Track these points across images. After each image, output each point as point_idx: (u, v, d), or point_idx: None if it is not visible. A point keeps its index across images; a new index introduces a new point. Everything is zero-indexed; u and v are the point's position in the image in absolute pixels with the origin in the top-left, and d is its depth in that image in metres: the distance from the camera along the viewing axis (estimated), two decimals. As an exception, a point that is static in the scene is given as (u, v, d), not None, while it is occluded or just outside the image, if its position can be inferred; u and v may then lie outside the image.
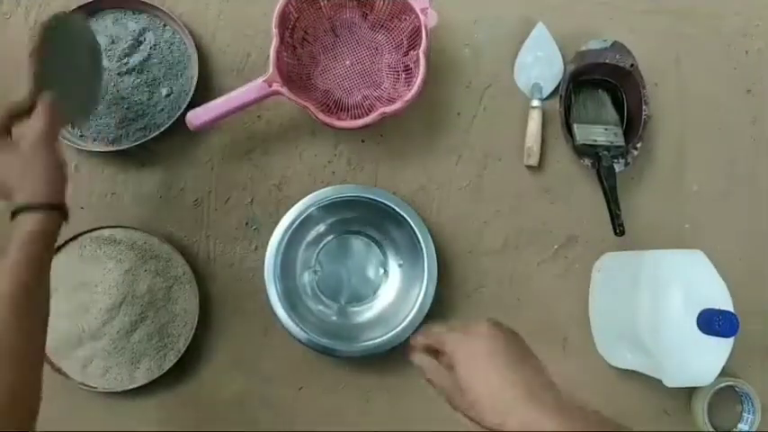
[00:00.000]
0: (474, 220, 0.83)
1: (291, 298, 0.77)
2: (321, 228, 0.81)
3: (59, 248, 0.76)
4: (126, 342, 0.76)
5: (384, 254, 0.82)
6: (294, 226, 0.76)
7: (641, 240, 0.83)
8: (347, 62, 0.82)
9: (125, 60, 0.79)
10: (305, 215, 0.77)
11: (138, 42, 0.80)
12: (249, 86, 0.74)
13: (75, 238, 0.77)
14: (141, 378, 0.76)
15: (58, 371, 0.76)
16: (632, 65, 0.81)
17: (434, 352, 0.52)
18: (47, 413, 0.78)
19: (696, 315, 0.64)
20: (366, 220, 0.81)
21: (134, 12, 0.81)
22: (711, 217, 0.85)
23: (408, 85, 0.78)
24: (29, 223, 0.56)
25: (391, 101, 0.78)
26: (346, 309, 0.81)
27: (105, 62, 0.79)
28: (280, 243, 0.76)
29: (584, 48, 0.81)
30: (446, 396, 0.50)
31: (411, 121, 0.83)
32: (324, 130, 0.82)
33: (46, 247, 0.57)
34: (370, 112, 0.76)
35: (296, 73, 0.80)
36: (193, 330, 0.77)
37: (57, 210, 0.59)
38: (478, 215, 0.83)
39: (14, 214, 0.57)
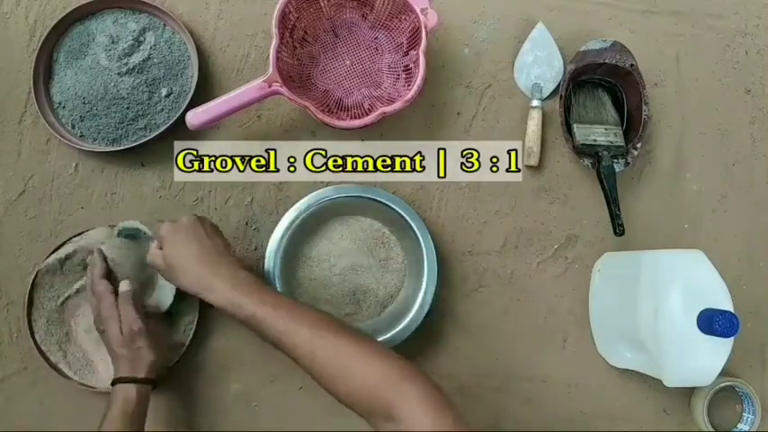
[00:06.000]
0: (474, 220, 0.83)
1: (291, 298, 0.76)
2: (321, 227, 0.81)
3: (59, 247, 0.77)
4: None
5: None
6: (294, 226, 0.76)
7: (641, 240, 0.83)
8: (347, 62, 0.82)
9: (125, 60, 0.79)
10: (305, 215, 0.77)
11: (138, 42, 0.80)
12: (249, 86, 0.74)
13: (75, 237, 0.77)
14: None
15: (57, 370, 0.75)
16: (632, 65, 0.81)
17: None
18: (46, 413, 0.78)
19: (696, 315, 0.64)
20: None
21: (134, 12, 0.81)
22: (711, 217, 0.85)
23: (408, 85, 0.77)
24: None
25: (391, 101, 0.78)
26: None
27: (105, 62, 0.79)
28: (280, 243, 0.76)
29: (584, 48, 0.81)
30: (161, 271, 0.66)
31: (411, 121, 0.83)
32: (324, 129, 0.82)
33: None
34: (370, 112, 0.75)
35: (296, 73, 0.80)
36: (193, 330, 0.77)
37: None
38: (478, 215, 0.83)
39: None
